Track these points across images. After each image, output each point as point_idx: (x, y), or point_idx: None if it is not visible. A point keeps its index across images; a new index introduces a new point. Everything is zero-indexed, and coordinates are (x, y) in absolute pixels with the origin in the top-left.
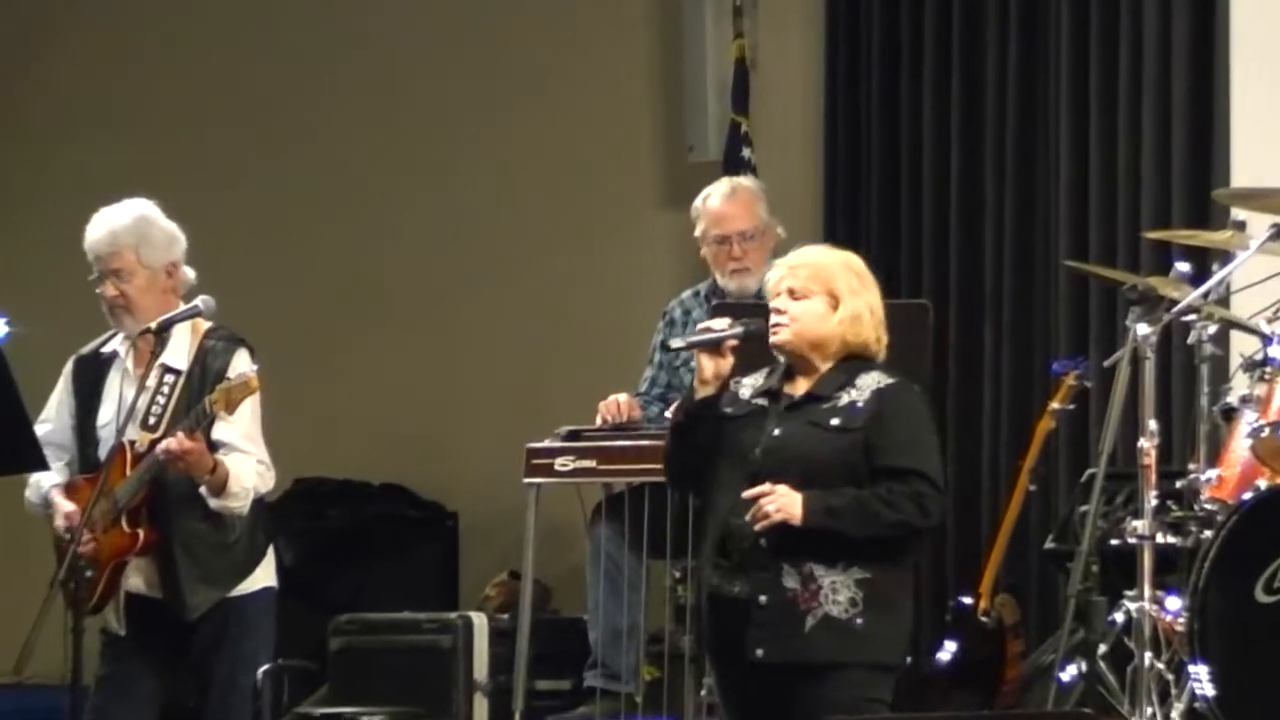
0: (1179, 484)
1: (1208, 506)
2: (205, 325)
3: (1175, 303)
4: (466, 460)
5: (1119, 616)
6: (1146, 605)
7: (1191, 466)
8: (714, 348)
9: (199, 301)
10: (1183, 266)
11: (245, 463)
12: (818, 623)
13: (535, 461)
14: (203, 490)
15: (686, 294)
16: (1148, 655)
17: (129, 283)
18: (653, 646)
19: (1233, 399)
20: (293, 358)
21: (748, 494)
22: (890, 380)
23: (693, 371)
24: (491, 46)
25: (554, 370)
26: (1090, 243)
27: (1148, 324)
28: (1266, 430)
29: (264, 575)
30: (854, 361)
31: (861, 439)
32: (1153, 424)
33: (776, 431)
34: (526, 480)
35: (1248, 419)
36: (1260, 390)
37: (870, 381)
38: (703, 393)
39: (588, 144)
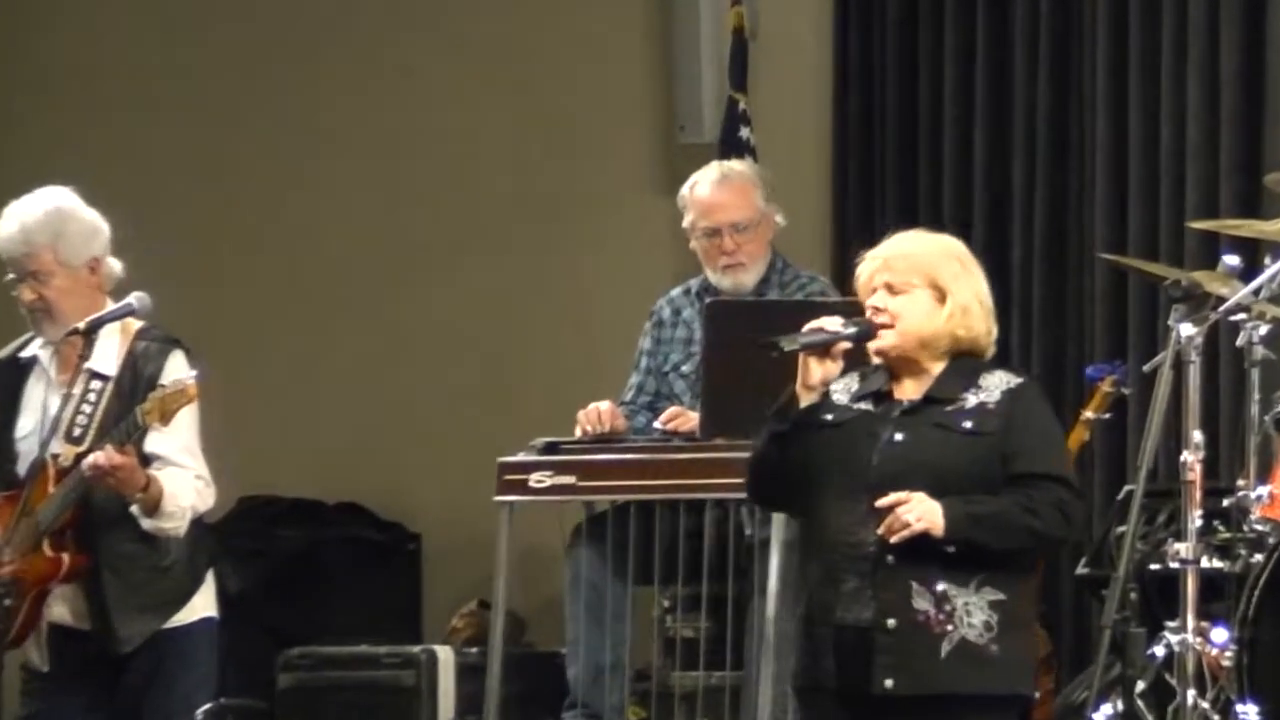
0: (1226, 502)
1: (1258, 527)
2: (136, 326)
3: (1223, 300)
4: (431, 476)
5: (1159, 650)
6: (1190, 637)
7: (1240, 483)
8: (824, 350)
9: (132, 299)
10: (1231, 260)
11: (182, 478)
12: (954, 649)
13: (508, 477)
14: (134, 509)
15: (676, 291)
16: (1191, 693)
17: (47, 285)
18: (639, 684)
19: None
20: (235, 361)
21: (882, 502)
22: (1019, 379)
23: (684, 378)
24: (455, 9)
25: (529, 376)
26: (1129, 234)
27: (1192, 324)
28: None
29: (204, 604)
30: (968, 359)
31: (997, 443)
32: (1197, 435)
33: (898, 437)
34: (498, 498)
35: None
36: None
37: (998, 381)
38: (806, 399)
39: (565, 123)
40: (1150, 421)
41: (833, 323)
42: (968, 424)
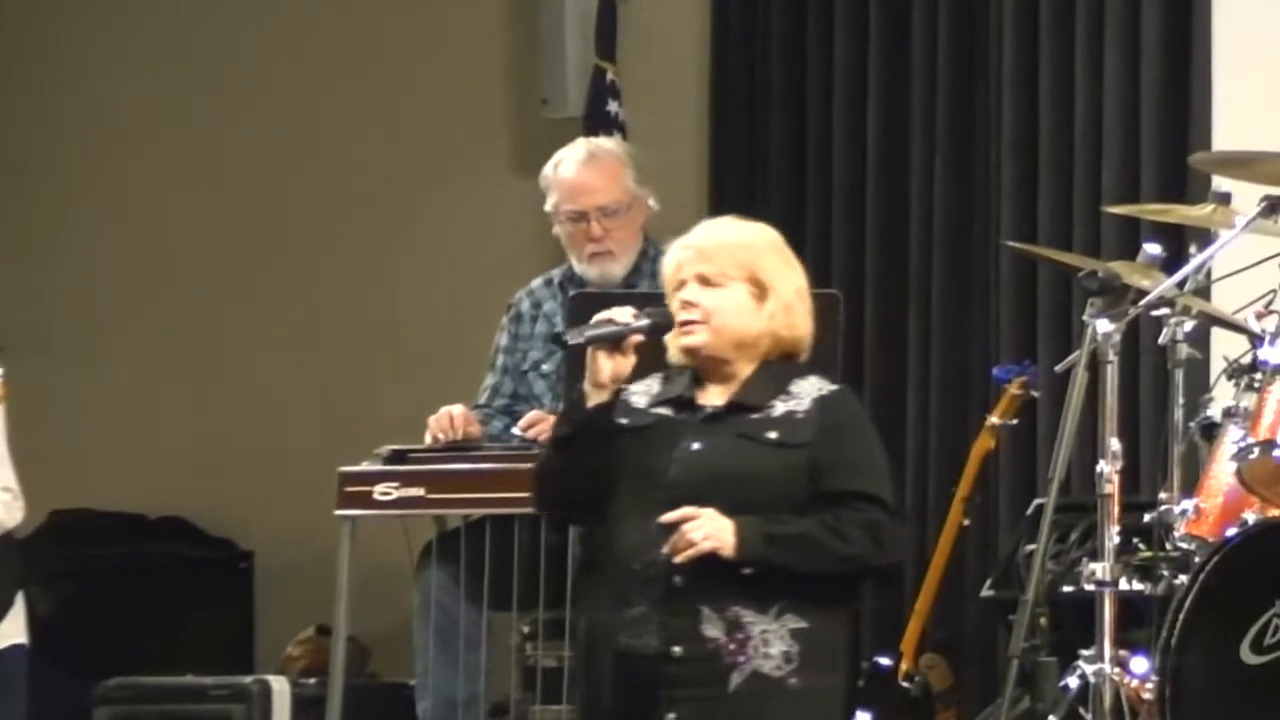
0: (1147, 517)
1: (1183, 545)
2: None
3: (1144, 293)
4: (264, 488)
5: (1073, 681)
6: (1107, 667)
7: (1163, 496)
8: (615, 344)
9: None
10: (1153, 249)
11: None
12: (745, 680)
13: (349, 489)
14: None
15: (537, 282)
16: None
17: None
18: (495, 719)
19: (1214, 412)
20: (47, 361)
21: (666, 518)
22: (833, 387)
23: (546, 378)
24: None
25: (373, 378)
26: (1039, 220)
27: (1110, 320)
28: (1256, 451)
29: (13, 629)
30: (780, 363)
31: (806, 457)
32: (1115, 443)
33: (696, 446)
34: (339, 512)
35: (1233, 437)
36: (1248, 401)
37: (809, 388)
38: (596, 398)
39: (414, 96)
40: (1063, 428)
41: (624, 313)
42: (773, 434)
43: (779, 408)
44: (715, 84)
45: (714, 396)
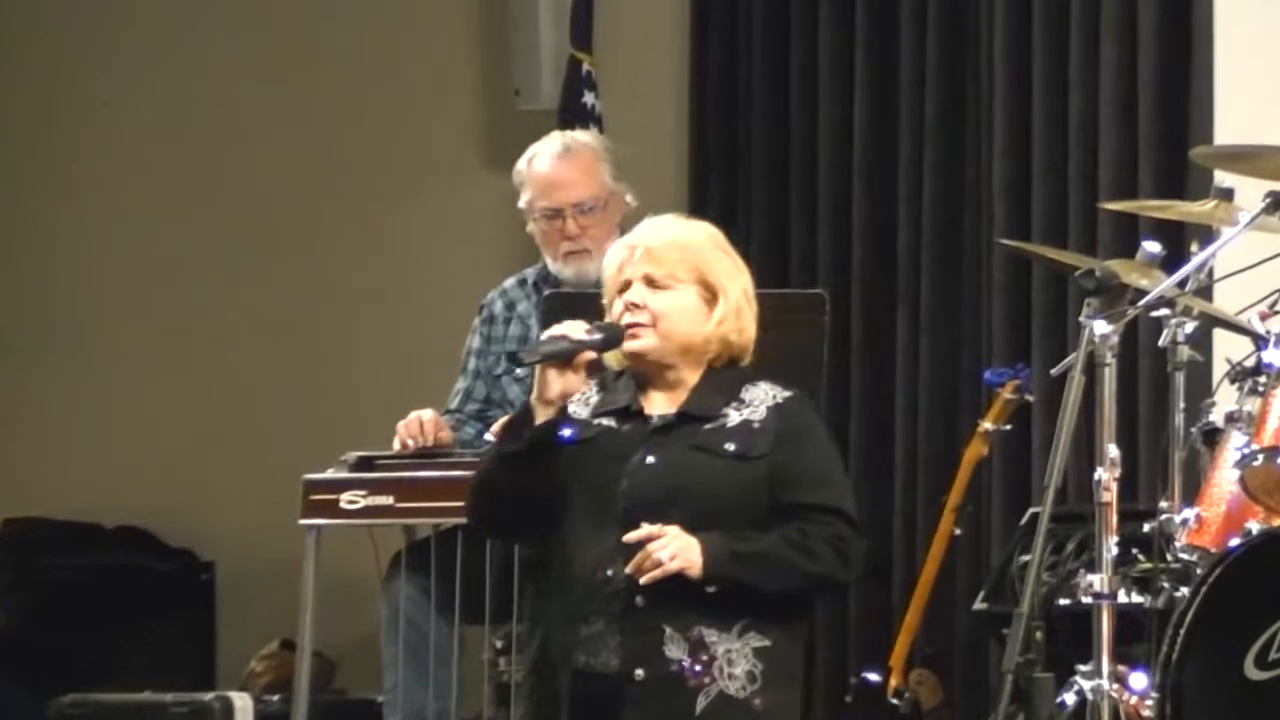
0: (1147, 527)
1: (1184, 556)
2: None
3: (1143, 293)
4: (226, 496)
5: (1070, 697)
6: (1105, 683)
7: (1163, 504)
8: (566, 360)
9: None
10: (1152, 246)
11: None
12: (710, 702)
13: (314, 497)
14: None
15: (510, 282)
16: None
17: None
18: None
19: (1216, 417)
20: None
21: (631, 537)
22: (786, 393)
23: (520, 383)
24: None
25: (339, 382)
26: (1033, 216)
27: (1107, 321)
28: (1260, 457)
29: None
30: (728, 370)
31: (764, 469)
32: (1113, 449)
33: (650, 460)
34: (303, 521)
35: (1235, 443)
36: (1252, 406)
37: (762, 395)
38: (543, 415)
39: (381, 87)
40: (1058, 434)
41: (575, 328)
42: (731, 446)
43: (733, 417)
44: (696, 76)
45: (660, 405)
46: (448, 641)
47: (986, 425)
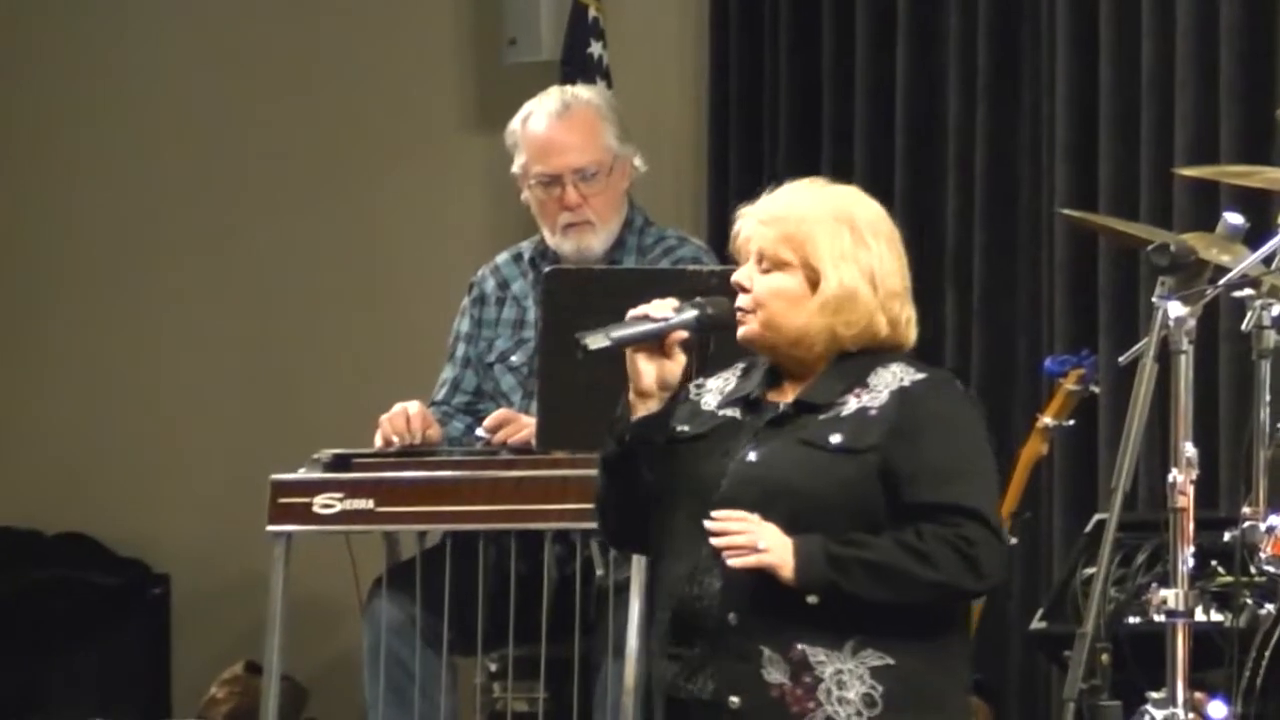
0: (1228, 536)
1: (1269, 569)
2: None
3: (1224, 271)
4: (183, 499)
5: None
6: (1180, 712)
7: (1246, 511)
8: (654, 344)
9: None
10: (1234, 218)
11: None
12: None
13: (284, 500)
14: None
15: (503, 258)
16: None
17: None
18: None
19: None
20: None
21: (717, 516)
22: (919, 375)
23: (515, 372)
24: None
25: (311, 371)
26: (1099, 184)
27: (1183, 302)
28: None
29: None
30: (864, 356)
31: (877, 462)
32: (1189, 448)
33: (752, 456)
34: (271, 528)
35: None
36: None
37: (888, 378)
38: (642, 409)
39: (361, 39)
40: (1127, 430)
41: (664, 307)
42: (837, 438)
43: (850, 404)
44: (716, 22)
45: (786, 394)
46: (434, 671)
47: (1046, 420)
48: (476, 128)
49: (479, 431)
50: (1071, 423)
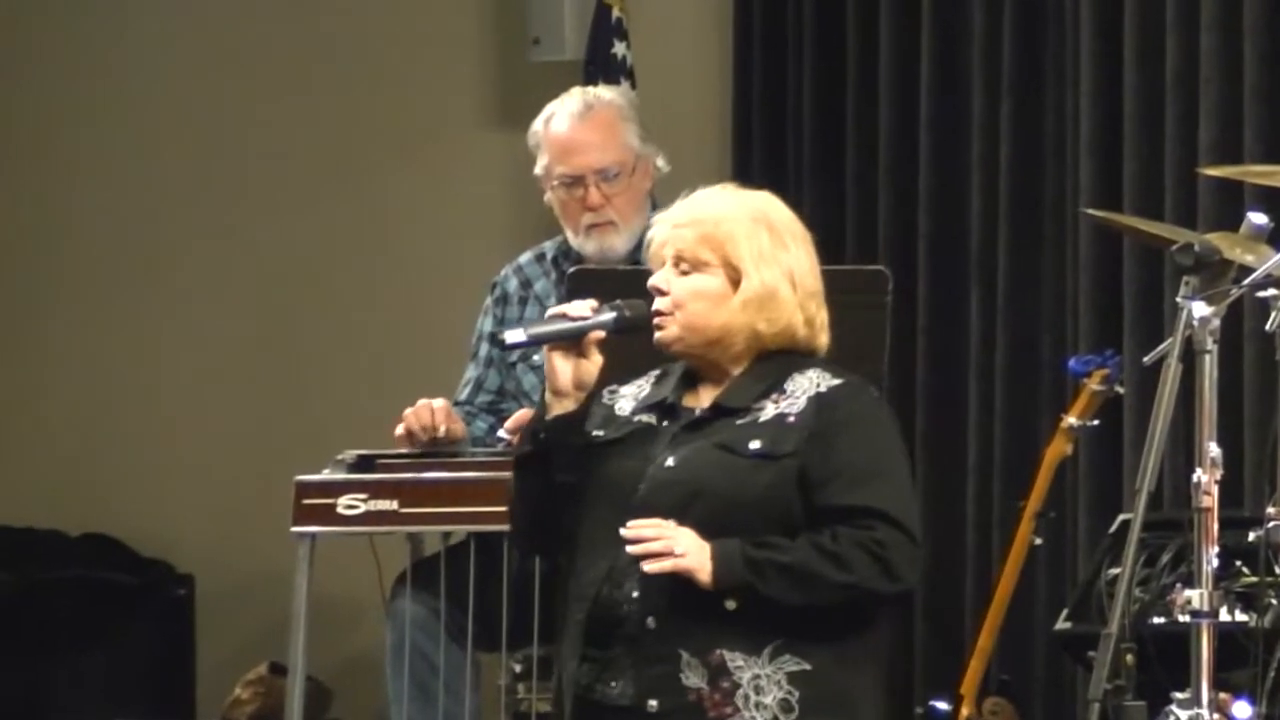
0: (1252, 536)
1: None
2: None
3: (1249, 270)
4: (205, 501)
5: None
6: (1205, 713)
7: (1271, 510)
8: (572, 342)
9: None
10: (1258, 218)
11: None
12: None
13: (307, 501)
14: None
15: (526, 258)
16: None
17: None
18: None
19: None
20: None
21: (632, 525)
22: (835, 381)
23: (536, 371)
24: None
25: (335, 369)
26: (1124, 183)
27: (1208, 302)
28: None
29: None
30: (782, 357)
31: (795, 468)
32: (1214, 448)
33: (670, 461)
34: (295, 529)
35: None
36: None
37: (806, 384)
38: (557, 409)
39: (383, 37)
40: (1152, 430)
41: (582, 307)
42: (756, 444)
43: (769, 410)
44: (739, 21)
45: (703, 399)
46: (459, 669)
47: (1070, 420)
48: (499, 127)
49: (500, 433)
50: (1096, 423)
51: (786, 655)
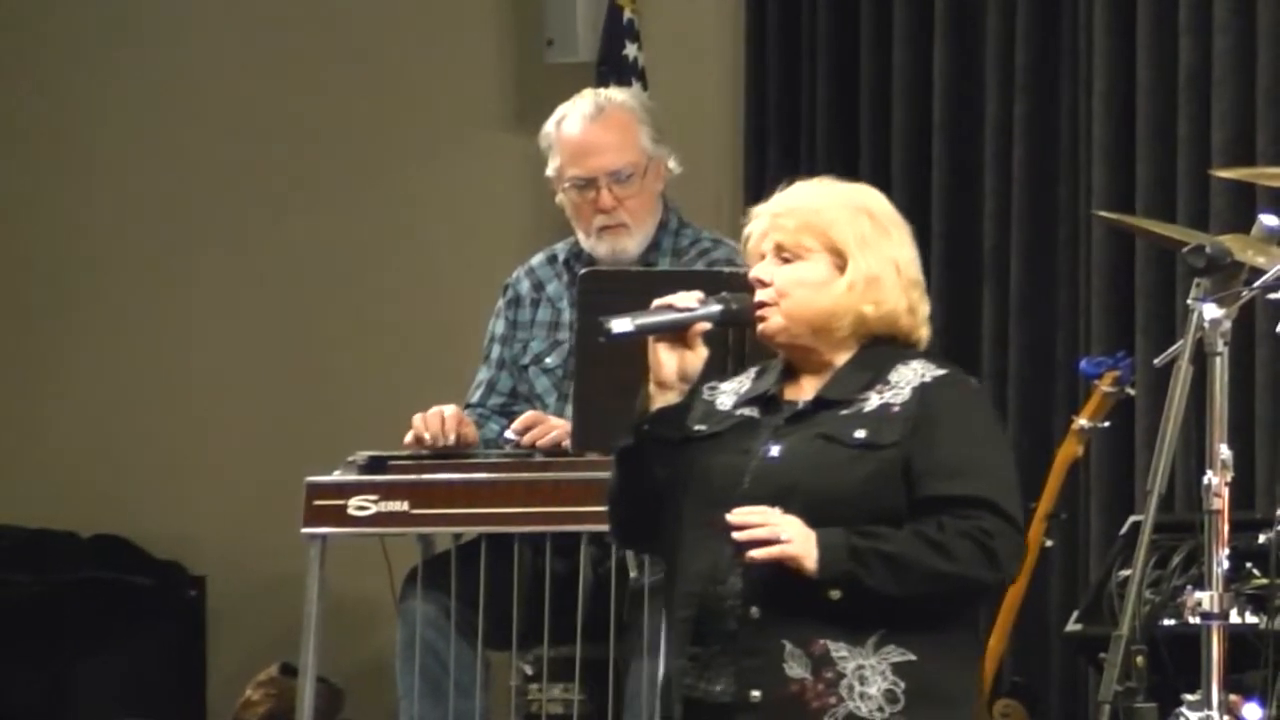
0: (1263, 538)
1: None
2: None
3: (1260, 272)
4: (218, 502)
5: None
6: (1215, 714)
7: None
8: (677, 334)
9: None
10: (1270, 220)
11: None
12: None
13: (319, 503)
14: None
15: (538, 259)
16: None
17: None
18: None
19: None
20: None
21: (732, 517)
22: (939, 371)
23: (549, 373)
24: None
25: (347, 370)
26: (1136, 184)
27: (1219, 304)
28: None
29: None
30: (882, 349)
31: (898, 458)
32: (1225, 450)
33: (773, 452)
34: (306, 530)
35: None
36: None
37: (909, 375)
38: (660, 400)
39: (399, 38)
40: (1163, 432)
41: (688, 298)
42: (860, 433)
43: (873, 400)
44: (752, 22)
45: (806, 391)
46: (471, 668)
47: (1082, 422)
48: (514, 128)
49: (508, 434)
50: (1107, 424)
51: (891, 646)
